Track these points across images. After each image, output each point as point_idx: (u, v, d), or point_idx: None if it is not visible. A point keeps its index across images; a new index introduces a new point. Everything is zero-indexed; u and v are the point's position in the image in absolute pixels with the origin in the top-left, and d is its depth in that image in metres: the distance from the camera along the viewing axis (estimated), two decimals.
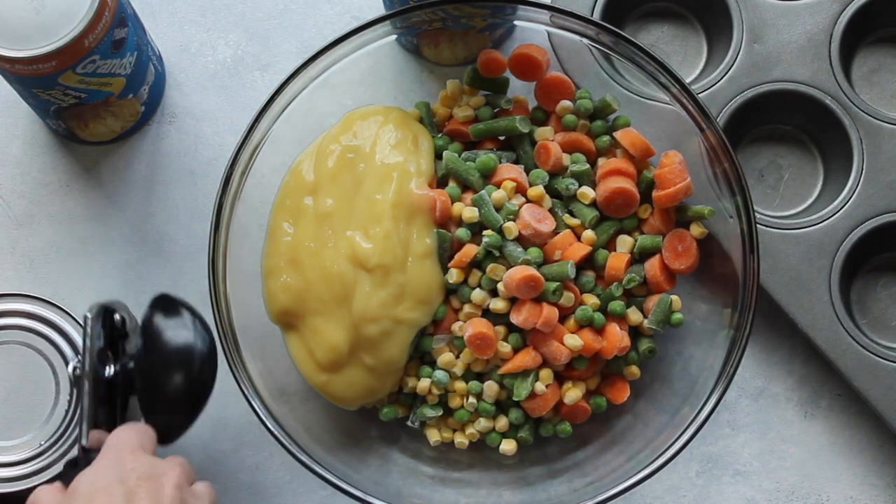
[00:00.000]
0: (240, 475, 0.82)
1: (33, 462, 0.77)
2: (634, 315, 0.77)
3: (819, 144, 0.84)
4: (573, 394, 0.76)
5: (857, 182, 0.80)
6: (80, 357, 0.72)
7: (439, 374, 0.76)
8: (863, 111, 0.81)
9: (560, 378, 0.77)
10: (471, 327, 0.75)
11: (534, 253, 0.76)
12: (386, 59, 0.85)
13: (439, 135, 0.81)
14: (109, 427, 0.70)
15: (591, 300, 0.76)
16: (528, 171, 0.78)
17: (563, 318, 0.76)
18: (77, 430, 0.71)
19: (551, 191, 0.78)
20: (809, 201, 0.83)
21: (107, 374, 0.72)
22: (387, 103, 0.80)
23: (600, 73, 0.80)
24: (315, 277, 0.75)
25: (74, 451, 0.73)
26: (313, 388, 0.77)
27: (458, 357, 0.76)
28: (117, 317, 0.74)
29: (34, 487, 0.67)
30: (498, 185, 0.77)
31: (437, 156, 0.79)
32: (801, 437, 0.82)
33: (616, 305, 0.76)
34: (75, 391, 0.77)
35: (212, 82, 0.86)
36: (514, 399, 0.75)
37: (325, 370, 0.76)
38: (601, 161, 0.79)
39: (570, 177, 0.78)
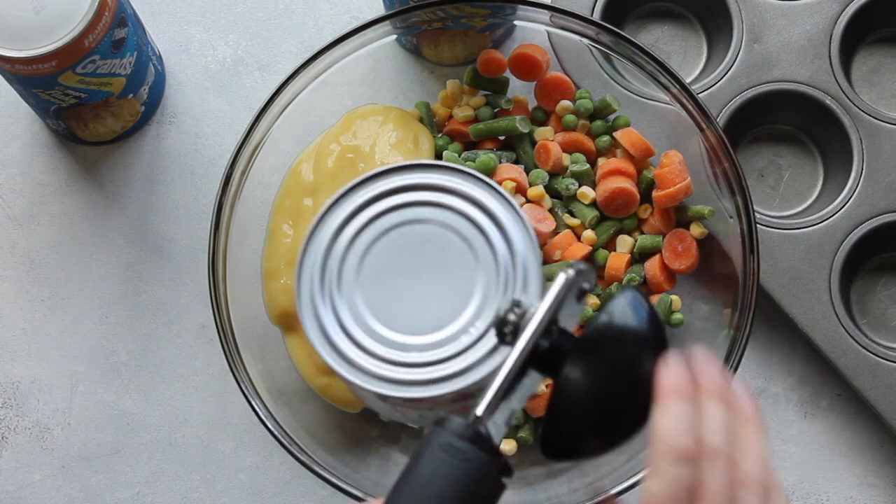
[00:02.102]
0: (240, 475, 0.82)
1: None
2: None
3: (819, 144, 0.84)
4: None
5: (857, 182, 0.80)
6: (524, 305, 0.57)
7: None
8: (863, 111, 0.81)
9: None
10: None
11: None
12: (386, 59, 0.85)
13: (439, 135, 0.81)
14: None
15: (592, 300, 0.76)
16: (528, 171, 0.78)
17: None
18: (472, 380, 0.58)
19: (551, 191, 0.78)
20: (809, 201, 0.83)
21: (541, 346, 0.56)
22: (387, 103, 0.81)
23: (600, 73, 0.80)
24: None
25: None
26: (314, 389, 0.77)
27: None
28: (586, 283, 0.58)
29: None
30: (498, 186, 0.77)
31: (437, 156, 0.79)
32: (801, 437, 0.81)
33: None
34: (495, 335, 0.58)
35: (212, 82, 0.86)
36: None
37: (325, 373, 0.76)
38: (601, 161, 0.79)
39: (570, 177, 0.78)
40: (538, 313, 0.55)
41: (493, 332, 0.58)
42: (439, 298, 0.60)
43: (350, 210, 0.61)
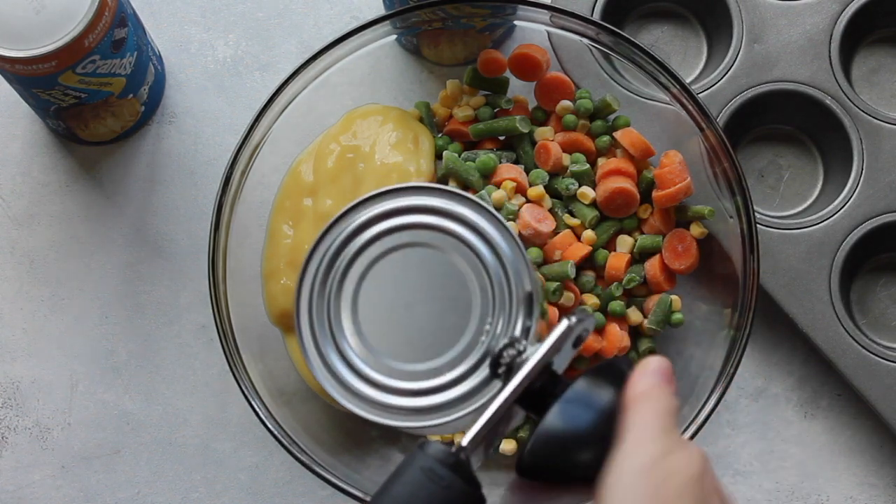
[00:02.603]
0: (240, 475, 0.82)
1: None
2: (634, 315, 0.77)
3: (819, 144, 0.84)
4: None
5: (857, 182, 0.80)
6: (522, 343, 0.59)
7: None
8: (863, 111, 0.81)
9: None
10: None
11: (534, 253, 0.76)
12: (386, 59, 0.85)
13: (439, 135, 0.81)
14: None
15: (591, 300, 0.76)
16: (528, 171, 0.78)
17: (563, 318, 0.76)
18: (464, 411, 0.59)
19: (551, 191, 0.78)
20: (809, 201, 0.83)
21: (532, 387, 0.57)
22: (387, 103, 0.80)
23: (600, 73, 0.80)
24: None
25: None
26: (314, 389, 0.77)
27: None
28: (584, 331, 0.60)
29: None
30: (498, 185, 0.77)
31: (437, 156, 0.79)
32: (801, 437, 0.81)
33: (616, 305, 0.76)
34: (488, 367, 0.59)
35: (212, 82, 0.86)
36: None
37: None
38: (601, 161, 0.79)
39: (570, 177, 0.78)
40: (535, 356, 0.57)
41: (486, 365, 0.59)
42: (435, 326, 0.61)
43: (350, 230, 0.61)
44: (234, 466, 0.82)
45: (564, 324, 0.58)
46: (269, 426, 0.73)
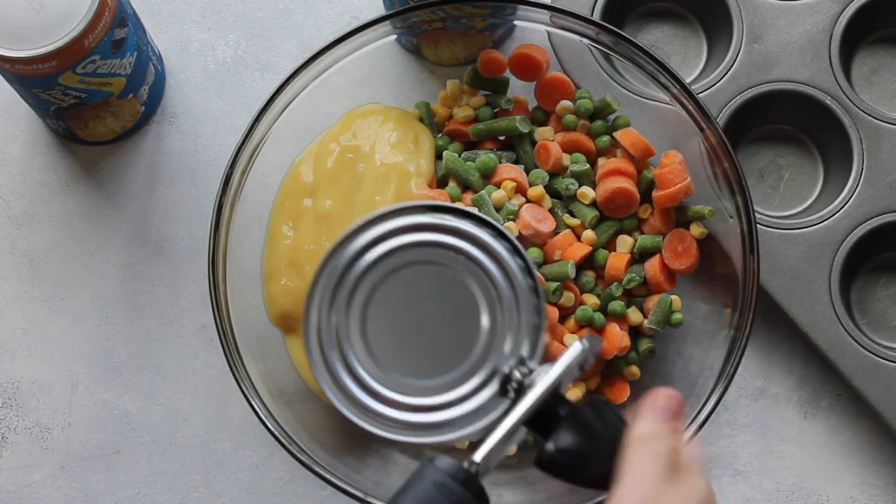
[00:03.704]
0: (240, 475, 0.82)
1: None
2: (634, 315, 0.77)
3: (819, 144, 0.84)
4: (573, 394, 0.76)
5: (857, 182, 0.80)
6: (529, 365, 0.60)
7: None
8: (863, 111, 0.81)
9: None
10: None
11: (534, 253, 0.76)
12: (386, 59, 0.85)
13: (439, 135, 0.81)
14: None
15: (591, 300, 0.76)
16: (528, 171, 0.78)
17: (563, 318, 0.76)
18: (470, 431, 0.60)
19: (551, 191, 0.78)
20: (809, 201, 0.83)
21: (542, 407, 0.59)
22: (387, 103, 0.80)
23: (600, 73, 0.80)
24: None
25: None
26: (314, 391, 0.77)
27: None
28: (592, 355, 0.61)
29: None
30: (498, 185, 0.77)
31: (437, 156, 0.79)
32: (801, 437, 0.81)
33: (616, 305, 0.76)
34: (496, 386, 0.60)
35: (212, 82, 0.86)
36: None
37: None
38: (601, 161, 0.79)
39: (570, 177, 0.78)
40: (545, 380, 0.59)
41: (493, 383, 0.60)
42: (443, 343, 0.61)
43: (360, 246, 0.61)
44: (234, 466, 0.82)
45: (577, 348, 0.59)
46: (269, 426, 0.73)
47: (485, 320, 0.61)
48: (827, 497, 0.81)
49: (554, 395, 0.59)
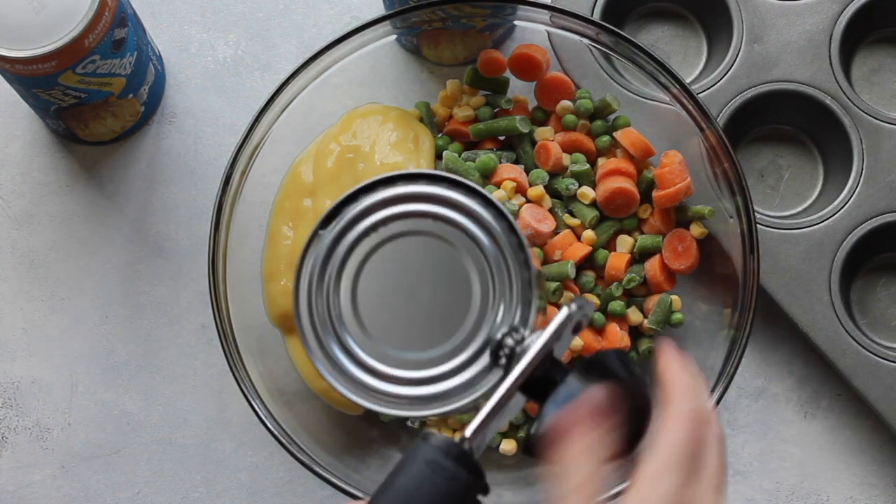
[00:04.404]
0: (240, 475, 0.82)
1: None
2: (634, 315, 0.77)
3: (819, 144, 0.84)
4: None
5: (857, 182, 0.80)
6: (522, 331, 0.59)
7: None
8: (863, 111, 0.81)
9: None
10: None
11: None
12: (386, 59, 0.85)
13: (439, 135, 0.81)
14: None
15: (591, 300, 0.76)
16: (528, 171, 0.78)
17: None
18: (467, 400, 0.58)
19: (551, 191, 0.78)
20: (809, 201, 0.83)
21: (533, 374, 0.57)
22: (387, 103, 0.80)
23: (600, 73, 0.80)
24: None
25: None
26: (314, 390, 0.77)
27: None
28: (584, 317, 0.60)
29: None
30: (498, 185, 0.77)
31: (437, 156, 0.79)
32: (801, 437, 0.81)
33: (616, 305, 0.76)
34: (488, 356, 0.59)
35: (212, 82, 0.86)
36: None
37: None
38: (601, 161, 0.79)
39: (570, 177, 0.78)
40: (536, 345, 0.57)
41: (486, 353, 0.59)
42: (435, 315, 0.60)
43: (346, 220, 0.60)
44: (234, 466, 0.82)
45: (565, 311, 0.58)
46: (269, 426, 0.73)
47: (476, 289, 0.60)
48: (827, 497, 0.81)
49: (549, 361, 0.57)
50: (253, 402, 0.73)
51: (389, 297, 0.61)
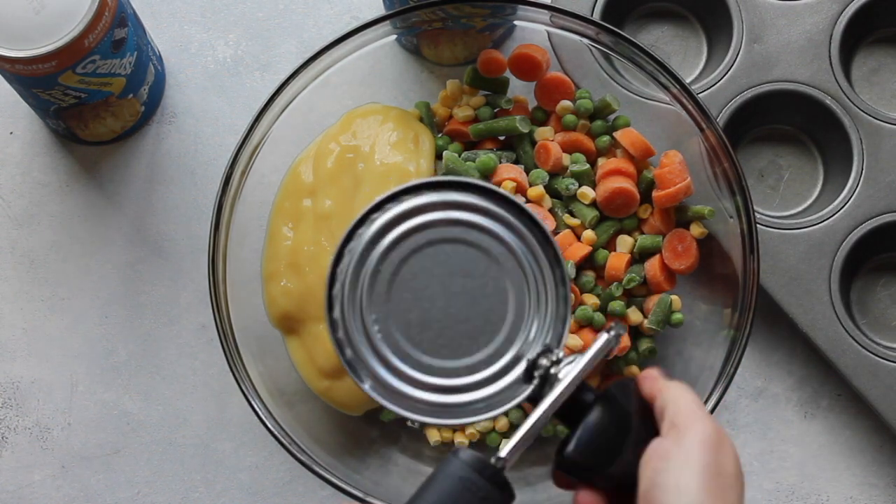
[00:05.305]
0: (240, 475, 0.82)
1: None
2: (634, 315, 0.77)
3: (819, 144, 0.84)
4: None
5: (857, 182, 0.80)
6: (555, 353, 0.60)
7: None
8: (863, 111, 0.81)
9: None
10: None
11: None
12: (386, 59, 0.85)
13: (439, 135, 0.81)
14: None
15: (591, 300, 0.76)
16: (528, 171, 0.78)
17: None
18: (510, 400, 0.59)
19: (551, 191, 0.78)
20: (809, 201, 0.83)
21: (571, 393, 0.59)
22: (387, 103, 0.80)
23: (600, 73, 0.80)
24: (315, 281, 0.75)
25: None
26: (314, 390, 0.77)
27: None
28: (617, 341, 0.61)
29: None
30: (498, 185, 0.77)
31: (437, 156, 0.79)
32: (801, 437, 0.81)
33: (616, 305, 0.76)
34: (520, 372, 0.60)
35: (212, 82, 0.86)
36: None
37: (326, 376, 0.76)
38: (601, 161, 0.79)
39: (570, 177, 0.78)
40: (573, 373, 0.58)
41: (517, 369, 0.60)
42: (468, 324, 0.61)
43: (380, 225, 0.60)
44: (234, 466, 0.82)
45: (604, 338, 0.59)
46: (269, 426, 0.73)
47: (511, 302, 0.60)
48: (827, 497, 0.81)
49: (581, 385, 0.59)
50: (253, 402, 0.73)
51: (424, 303, 0.60)
